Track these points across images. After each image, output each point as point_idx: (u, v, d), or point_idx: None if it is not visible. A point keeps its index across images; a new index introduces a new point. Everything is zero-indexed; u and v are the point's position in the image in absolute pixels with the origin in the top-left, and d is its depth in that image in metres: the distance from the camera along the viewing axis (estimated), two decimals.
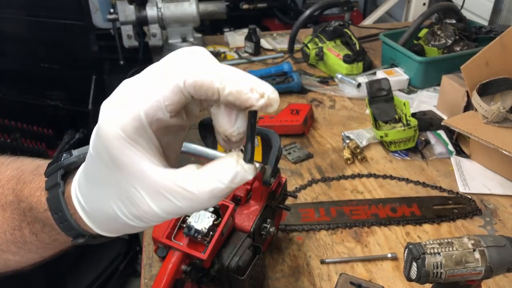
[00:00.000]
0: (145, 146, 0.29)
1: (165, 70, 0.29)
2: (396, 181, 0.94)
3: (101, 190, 0.31)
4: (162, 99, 0.28)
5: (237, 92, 0.28)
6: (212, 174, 0.29)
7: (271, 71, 1.32)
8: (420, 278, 0.52)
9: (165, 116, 0.28)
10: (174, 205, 0.29)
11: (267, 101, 0.28)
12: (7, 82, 1.87)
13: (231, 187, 0.29)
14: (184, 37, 1.58)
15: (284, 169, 0.98)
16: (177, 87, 0.28)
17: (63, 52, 1.75)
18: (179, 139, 0.34)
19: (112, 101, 0.29)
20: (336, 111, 1.23)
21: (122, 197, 0.30)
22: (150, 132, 0.29)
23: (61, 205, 0.35)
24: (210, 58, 0.29)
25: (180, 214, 0.30)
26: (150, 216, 0.30)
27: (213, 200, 0.29)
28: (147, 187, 0.29)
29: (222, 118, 0.30)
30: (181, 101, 0.28)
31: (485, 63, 0.98)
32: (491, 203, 0.87)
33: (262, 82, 0.29)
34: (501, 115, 0.90)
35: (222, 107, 0.30)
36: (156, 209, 0.29)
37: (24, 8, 1.70)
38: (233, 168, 0.29)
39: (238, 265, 0.59)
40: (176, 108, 0.29)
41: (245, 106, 0.28)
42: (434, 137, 1.07)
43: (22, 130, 1.76)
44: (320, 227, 0.81)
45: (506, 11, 1.55)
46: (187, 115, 0.32)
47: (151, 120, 0.28)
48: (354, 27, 1.72)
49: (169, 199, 0.29)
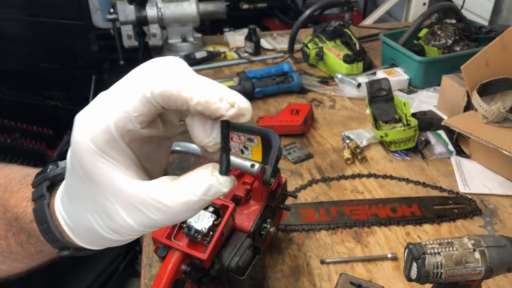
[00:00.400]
0: (118, 158, 0.29)
1: (134, 81, 0.28)
2: (396, 181, 0.94)
3: (79, 203, 0.31)
4: (131, 110, 0.28)
5: (206, 102, 0.27)
6: (185, 186, 0.29)
7: (271, 71, 1.32)
8: (420, 278, 0.52)
9: (136, 127, 0.28)
10: (148, 218, 0.29)
11: (238, 111, 0.28)
12: (7, 82, 1.87)
13: (205, 200, 0.29)
14: (184, 37, 1.58)
15: (284, 169, 0.98)
16: (145, 97, 0.28)
17: (63, 52, 1.75)
18: (161, 150, 0.33)
19: (85, 112, 0.29)
20: (336, 111, 1.23)
21: (99, 211, 0.30)
22: (123, 144, 0.29)
23: (46, 217, 0.34)
24: (182, 69, 0.29)
25: (156, 227, 0.30)
26: (126, 229, 0.30)
27: (188, 212, 0.29)
28: (121, 200, 0.29)
29: (197, 128, 0.30)
30: (151, 112, 0.28)
31: (485, 63, 0.98)
32: (491, 203, 0.87)
33: (233, 92, 0.28)
34: (501, 115, 0.90)
35: (196, 118, 0.30)
36: (131, 222, 0.29)
37: (24, 8, 1.70)
38: (207, 181, 0.29)
39: (238, 265, 0.59)
40: (146, 119, 0.28)
41: (215, 116, 0.28)
42: (434, 137, 1.07)
43: (22, 130, 1.77)
44: (320, 227, 0.81)
45: (506, 11, 1.55)
46: (165, 125, 0.31)
47: (121, 132, 0.28)
48: (354, 27, 1.72)
49: (143, 212, 0.29)
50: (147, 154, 0.32)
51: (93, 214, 0.30)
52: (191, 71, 0.29)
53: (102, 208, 0.30)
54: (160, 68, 0.28)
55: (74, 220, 0.33)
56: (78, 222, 0.32)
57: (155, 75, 0.28)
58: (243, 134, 0.66)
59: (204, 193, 0.29)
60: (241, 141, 0.68)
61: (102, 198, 0.29)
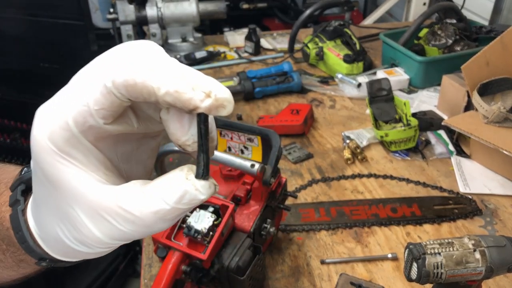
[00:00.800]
0: (81, 159, 0.25)
1: (94, 70, 0.25)
2: (396, 181, 0.94)
3: (44, 210, 0.28)
4: (91, 103, 0.24)
5: (176, 92, 0.23)
6: (156, 192, 0.25)
7: (271, 71, 1.32)
8: (421, 278, 0.52)
9: (98, 122, 0.24)
10: (116, 229, 0.25)
11: (215, 101, 0.23)
12: (7, 82, 1.87)
13: (179, 209, 0.25)
14: (184, 36, 1.58)
15: (284, 169, 0.98)
16: (106, 88, 0.23)
17: (62, 52, 1.75)
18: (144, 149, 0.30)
19: (44, 107, 0.25)
20: (336, 111, 1.22)
21: (63, 219, 0.26)
22: (85, 142, 0.25)
23: (20, 225, 0.31)
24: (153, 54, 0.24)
25: (128, 239, 0.26)
26: (94, 241, 0.26)
27: (160, 223, 0.25)
28: (85, 208, 0.25)
29: (173, 124, 0.25)
30: (115, 105, 0.24)
31: (486, 63, 0.98)
32: (492, 203, 0.87)
33: (210, 79, 0.24)
34: (502, 115, 0.90)
35: (171, 112, 0.25)
36: (98, 233, 0.26)
37: (24, 8, 1.70)
38: (181, 186, 0.25)
39: (238, 265, 0.59)
40: (110, 113, 0.24)
41: (188, 108, 0.23)
42: (434, 137, 1.07)
43: (21, 130, 1.77)
44: (320, 227, 0.81)
45: (506, 10, 1.55)
46: (141, 121, 0.27)
47: (82, 128, 0.24)
48: (354, 27, 1.72)
49: (110, 222, 0.25)
50: (124, 154, 0.28)
51: (58, 223, 0.27)
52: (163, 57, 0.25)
53: (66, 216, 0.26)
54: (126, 53, 0.24)
55: (42, 229, 0.29)
56: (45, 231, 0.29)
57: (119, 61, 0.24)
58: (243, 134, 0.66)
59: (176, 201, 0.24)
60: (241, 141, 0.68)
61: (65, 204, 0.26)
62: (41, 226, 0.29)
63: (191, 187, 0.25)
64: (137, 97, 0.24)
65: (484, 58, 0.97)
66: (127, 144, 0.28)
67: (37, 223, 0.30)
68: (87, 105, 0.24)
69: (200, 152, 0.25)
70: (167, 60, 0.24)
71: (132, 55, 0.24)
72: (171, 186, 0.25)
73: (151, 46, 0.25)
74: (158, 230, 0.26)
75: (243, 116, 1.19)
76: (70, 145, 0.25)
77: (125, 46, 0.25)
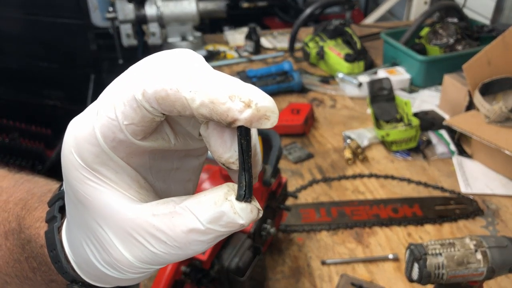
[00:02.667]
0: (111, 177, 0.23)
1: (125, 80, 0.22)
2: (397, 181, 0.93)
3: (74, 229, 0.26)
4: (120, 117, 0.22)
5: (211, 103, 0.20)
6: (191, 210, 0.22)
7: (272, 70, 1.32)
8: (422, 279, 0.51)
9: (129, 138, 0.22)
10: (147, 251, 0.23)
11: (256, 111, 0.21)
12: (5, 81, 1.87)
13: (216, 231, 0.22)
14: (184, 35, 1.57)
15: (285, 169, 0.98)
16: (135, 101, 0.21)
17: (61, 51, 1.75)
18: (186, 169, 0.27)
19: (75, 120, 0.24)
20: (337, 110, 1.22)
21: (92, 240, 0.25)
22: (117, 159, 0.23)
23: (55, 243, 0.29)
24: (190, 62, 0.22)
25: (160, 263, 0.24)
26: (124, 264, 0.24)
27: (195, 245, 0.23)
28: (115, 227, 0.23)
29: (214, 141, 0.23)
30: (146, 120, 0.22)
31: (487, 62, 0.97)
32: (493, 204, 0.87)
33: (249, 86, 0.21)
34: (503, 115, 0.90)
35: (210, 126, 0.23)
36: (128, 255, 0.24)
37: (23, 7, 1.69)
38: (218, 206, 0.22)
39: (238, 266, 0.58)
40: (142, 129, 0.22)
41: (226, 121, 0.21)
42: (435, 136, 1.07)
43: (20, 130, 1.76)
44: (321, 228, 0.81)
45: (508, 10, 1.54)
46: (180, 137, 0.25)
47: (112, 144, 0.22)
48: (355, 26, 1.72)
49: (140, 242, 0.23)
50: (161, 173, 0.26)
51: (88, 244, 0.25)
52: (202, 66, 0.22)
53: (95, 236, 0.24)
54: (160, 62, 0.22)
55: (73, 250, 0.28)
56: (76, 252, 0.27)
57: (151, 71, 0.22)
58: None
59: (211, 221, 0.22)
60: None
61: (94, 224, 0.24)
62: (73, 247, 0.28)
63: (230, 209, 0.22)
64: (171, 110, 0.21)
65: (485, 57, 0.97)
66: (165, 162, 0.26)
67: (69, 243, 0.28)
68: (116, 119, 0.22)
69: (241, 170, 0.23)
70: (205, 70, 0.22)
71: (166, 64, 0.22)
72: (208, 205, 0.22)
73: (190, 54, 0.23)
74: (192, 253, 0.23)
75: None
76: (99, 162, 0.23)
77: (161, 54, 0.23)
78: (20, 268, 0.33)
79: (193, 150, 0.27)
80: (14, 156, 1.64)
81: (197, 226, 0.22)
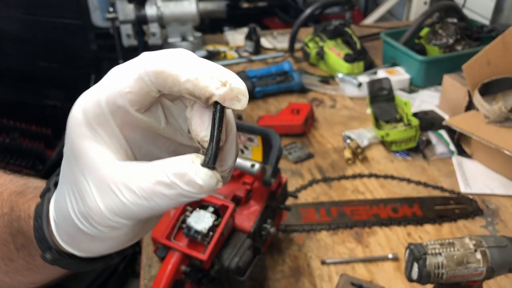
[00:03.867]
0: (105, 138, 0.27)
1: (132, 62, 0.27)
2: (397, 181, 0.93)
3: (63, 185, 0.30)
4: (123, 86, 0.26)
5: (196, 79, 0.25)
6: (160, 165, 0.26)
7: (272, 70, 1.32)
8: (421, 278, 0.51)
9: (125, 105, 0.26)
10: (118, 201, 0.26)
11: (230, 91, 0.25)
12: (6, 81, 1.87)
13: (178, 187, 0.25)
14: (184, 36, 1.57)
15: (285, 169, 0.98)
16: (138, 74, 0.26)
17: (62, 51, 1.75)
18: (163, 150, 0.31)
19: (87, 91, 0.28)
20: (337, 110, 1.22)
21: (74, 190, 0.28)
22: (113, 124, 0.27)
23: (42, 211, 0.32)
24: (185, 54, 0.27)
25: (127, 216, 0.27)
26: (95, 214, 0.27)
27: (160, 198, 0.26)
28: (96, 179, 0.27)
29: (195, 120, 0.27)
30: (143, 91, 0.26)
31: (487, 63, 0.97)
32: (493, 204, 0.87)
33: (228, 71, 0.26)
34: (503, 115, 0.90)
35: (195, 108, 0.27)
36: (101, 204, 0.27)
37: (23, 7, 1.69)
38: (183, 166, 0.26)
39: (238, 265, 0.59)
40: (138, 99, 0.26)
41: (204, 96, 0.25)
42: (435, 137, 1.07)
43: (20, 130, 1.76)
44: (321, 228, 0.81)
45: (508, 10, 1.55)
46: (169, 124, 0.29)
47: (112, 108, 0.26)
48: (355, 26, 1.72)
49: (114, 192, 0.26)
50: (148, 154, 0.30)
51: (70, 195, 0.29)
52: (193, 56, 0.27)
53: (78, 187, 0.28)
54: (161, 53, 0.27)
55: (57, 207, 0.31)
56: (59, 208, 0.31)
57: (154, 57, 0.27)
58: (243, 134, 0.66)
59: (175, 175, 0.25)
60: (241, 141, 0.67)
61: (80, 176, 0.27)
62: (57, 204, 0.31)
63: (192, 169, 0.25)
64: (164, 85, 0.26)
65: (485, 57, 0.97)
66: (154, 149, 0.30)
67: (55, 203, 0.31)
68: (119, 88, 0.26)
69: (210, 141, 0.26)
70: (194, 58, 0.27)
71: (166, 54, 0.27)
72: (175, 163, 0.26)
73: (186, 51, 0.27)
74: (157, 207, 0.26)
75: (243, 115, 1.19)
76: (98, 122, 0.27)
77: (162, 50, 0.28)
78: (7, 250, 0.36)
79: (181, 148, 0.31)
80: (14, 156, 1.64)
81: (163, 179, 0.26)
